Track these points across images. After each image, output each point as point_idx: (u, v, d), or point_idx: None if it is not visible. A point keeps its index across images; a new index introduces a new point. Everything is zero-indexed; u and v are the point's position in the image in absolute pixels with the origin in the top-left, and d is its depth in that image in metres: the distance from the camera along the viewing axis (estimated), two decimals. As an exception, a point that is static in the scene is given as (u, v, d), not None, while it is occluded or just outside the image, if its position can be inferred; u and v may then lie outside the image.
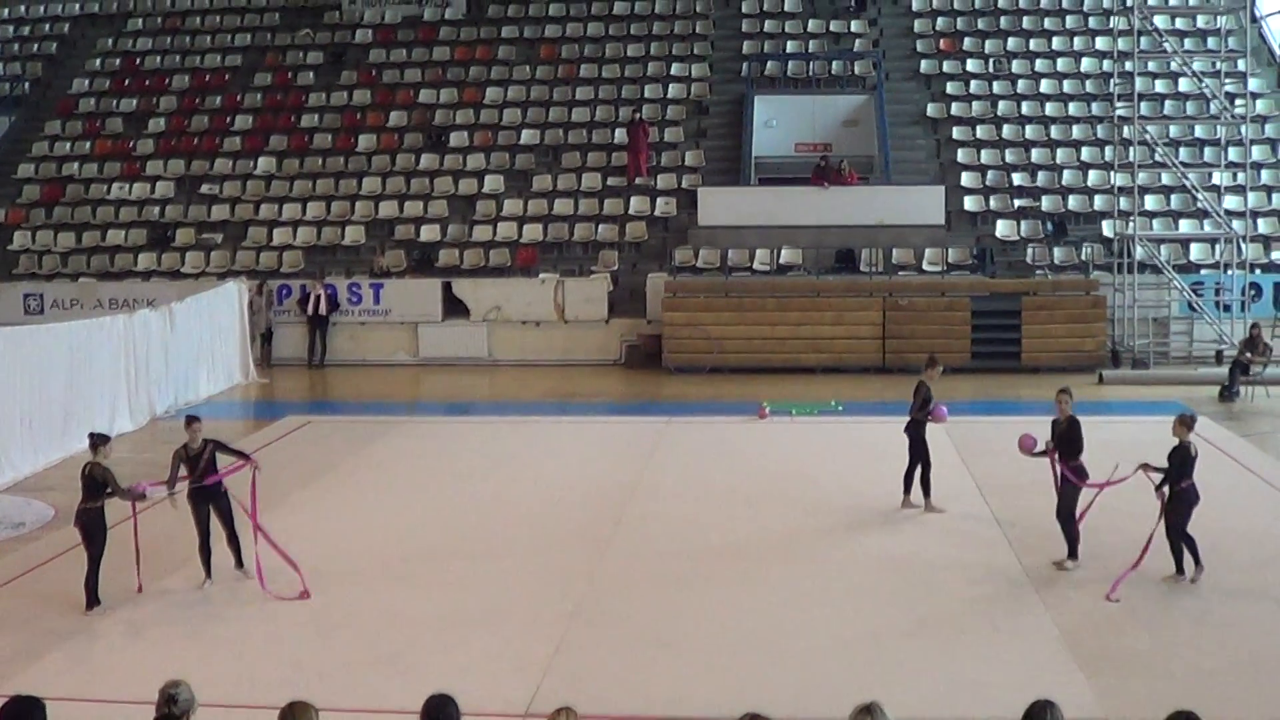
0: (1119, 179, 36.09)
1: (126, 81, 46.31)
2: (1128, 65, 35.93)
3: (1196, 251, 36.56)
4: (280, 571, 16.70)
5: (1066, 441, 17.59)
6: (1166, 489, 16.49)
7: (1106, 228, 36.95)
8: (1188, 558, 16.60)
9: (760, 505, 21.03)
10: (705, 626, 15.53)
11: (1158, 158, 36.30)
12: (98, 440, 16.36)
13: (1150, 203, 37.37)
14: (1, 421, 23.14)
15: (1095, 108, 41.34)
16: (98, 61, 47.61)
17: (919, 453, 20.44)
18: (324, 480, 19.64)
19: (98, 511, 15.92)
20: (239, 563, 17.35)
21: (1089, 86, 42.34)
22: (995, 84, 42.98)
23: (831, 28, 45.70)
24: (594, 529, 19.66)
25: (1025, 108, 41.98)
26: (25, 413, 23.92)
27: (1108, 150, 38.28)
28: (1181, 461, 16.43)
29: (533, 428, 27.87)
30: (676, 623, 15.65)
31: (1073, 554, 17.44)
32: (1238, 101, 37.48)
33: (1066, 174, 39.42)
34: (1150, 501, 16.72)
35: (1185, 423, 16.73)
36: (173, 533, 17.31)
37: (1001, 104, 42.18)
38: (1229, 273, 34.43)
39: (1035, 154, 40.29)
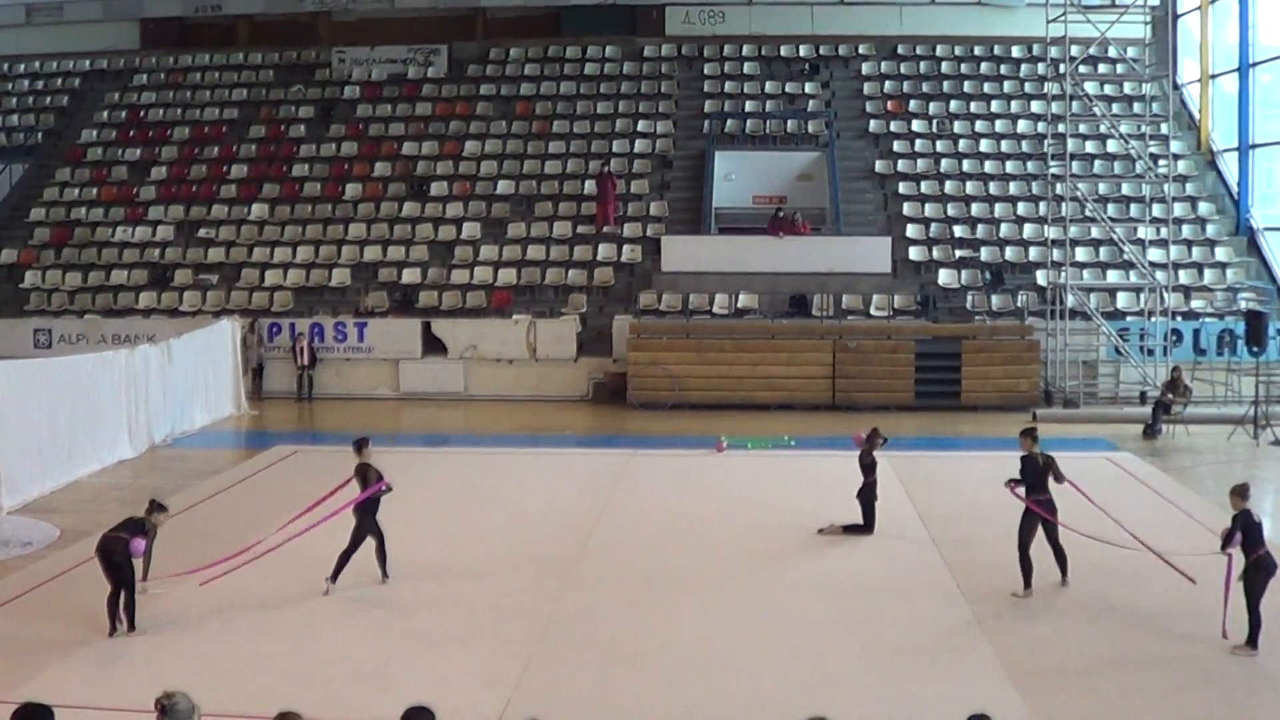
0: (1052, 232, 36.33)
1: (131, 132, 46.30)
2: (1060, 127, 36.27)
3: (1123, 300, 36.75)
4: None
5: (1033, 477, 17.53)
6: (1234, 552, 15.27)
7: (1040, 277, 37.14)
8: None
9: (718, 532, 21.07)
10: (665, 645, 15.55)
11: (1088, 213, 36.48)
12: (158, 507, 16.45)
13: (1081, 254, 37.57)
14: (13, 448, 23.00)
15: (1030, 166, 41.62)
16: (105, 114, 47.60)
17: (868, 519, 20.71)
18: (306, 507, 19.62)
19: (124, 542, 15.74)
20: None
21: (1025, 146, 42.64)
22: (939, 143, 43.20)
23: (787, 89, 45.96)
24: (562, 554, 19.68)
25: (966, 165, 42.22)
26: (35, 440, 23.82)
27: (1042, 205, 38.52)
28: (1245, 528, 15.13)
29: (505, 459, 27.86)
30: (639, 642, 15.68)
31: (1026, 583, 17.36)
32: (1161, 162, 37.94)
33: (1004, 227, 39.65)
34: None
35: (1240, 493, 15.46)
36: (164, 556, 17.27)
37: (944, 161, 42.40)
38: (1152, 319, 34.62)
39: (975, 208, 40.50)
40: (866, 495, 20.71)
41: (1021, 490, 17.62)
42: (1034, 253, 38.40)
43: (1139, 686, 14.18)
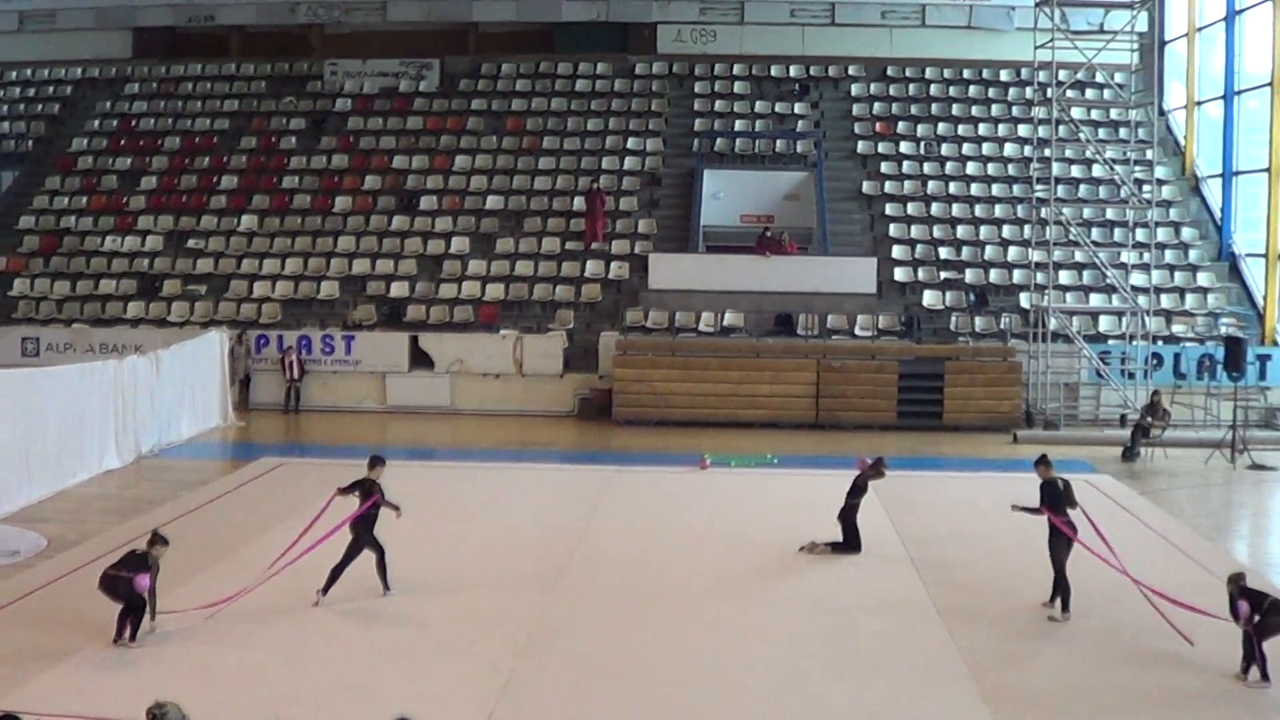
0: (1036, 255, 36.61)
1: (122, 142, 46.51)
2: (1046, 152, 36.56)
3: (1105, 323, 37.07)
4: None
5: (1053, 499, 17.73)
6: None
7: (1024, 299, 37.41)
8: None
9: (700, 549, 21.26)
10: (646, 661, 15.76)
11: (1072, 237, 36.74)
12: (159, 540, 16.31)
13: (1064, 278, 37.84)
14: (1, 457, 23.18)
15: (1016, 189, 41.95)
16: (96, 122, 47.80)
17: (853, 539, 20.98)
18: (296, 518, 19.72)
19: (128, 581, 15.81)
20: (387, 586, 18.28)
21: (1011, 170, 43.00)
22: (926, 165, 43.54)
23: (777, 109, 46.27)
24: (545, 569, 19.86)
25: (953, 187, 42.56)
26: (22, 449, 23.91)
27: (1026, 229, 38.70)
28: (1246, 596, 15.18)
29: (490, 473, 28.03)
30: (619, 657, 15.89)
31: (1065, 606, 17.56)
32: (1145, 187, 38.28)
33: (988, 249, 39.97)
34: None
35: (1234, 580, 15.40)
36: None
37: (931, 183, 42.74)
38: (1134, 343, 34.96)
39: (961, 230, 40.83)
40: (847, 516, 20.97)
41: (1026, 512, 17.93)
42: (1018, 275, 38.65)
43: (1111, 707, 14.41)
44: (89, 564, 18.80)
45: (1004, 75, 47.11)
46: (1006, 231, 40.66)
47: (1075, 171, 42.09)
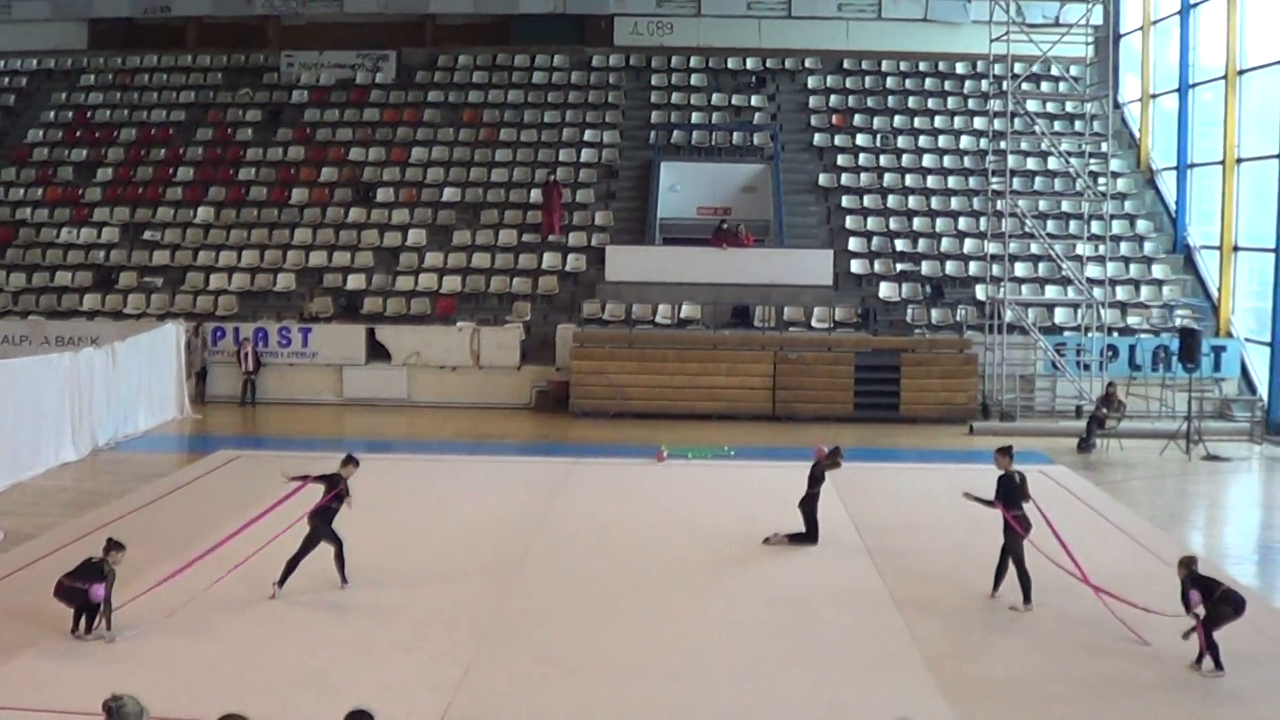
0: (992, 247, 36.79)
1: (78, 133, 46.18)
2: (1002, 144, 36.74)
3: (1060, 315, 37.28)
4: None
5: (1007, 493, 17.81)
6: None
7: (980, 291, 37.60)
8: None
9: (657, 541, 21.33)
10: (604, 652, 15.80)
11: (1027, 229, 36.97)
12: (115, 546, 16.04)
13: (1020, 270, 38.08)
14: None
15: (972, 182, 42.09)
16: (52, 113, 47.44)
17: (811, 530, 21.03)
18: (253, 511, 19.67)
19: (83, 593, 15.73)
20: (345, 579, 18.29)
21: (967, 162, 43.15)
22: (882, 157, 43.67)
23: (733, 101, 46.33)
24: (503, 561, 19.88)
25: (909, 180, 42.68)
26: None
27: (982, 221, 38.97)
28: (1196, 584, 15.30)
29: (447, 466, 28.06)
30: (578, 649, 15.92)
31: (1026, 598, 17.63)
32: (1100, 180, 38.37)
33: (945, 241, 40.11)
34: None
35: (1184, 564, 15.60)
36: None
37: (887, 176, 42.85)
38: (1089, 335, 35.22)
39: (917, 222, 40.96)
40: (808, 505, 21.05)
41: (978, 502, 18.04)
42: (974, 267, 38.83)
43: (1066, 697, 14.52)
44: (46, 557, 18.78)
45: (960, 68, 47.25)
46: (962, 224, 40.83)
47: (1031, 164, 42.33)
